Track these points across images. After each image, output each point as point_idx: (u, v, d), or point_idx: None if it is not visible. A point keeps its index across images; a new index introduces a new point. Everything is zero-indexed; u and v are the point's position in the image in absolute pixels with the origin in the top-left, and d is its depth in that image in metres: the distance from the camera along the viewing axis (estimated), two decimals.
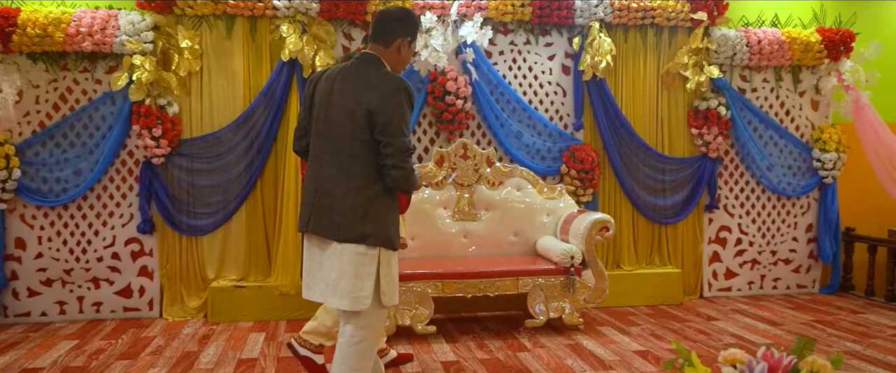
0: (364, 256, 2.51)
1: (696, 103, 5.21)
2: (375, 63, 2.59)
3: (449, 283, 4.21)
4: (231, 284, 4.71)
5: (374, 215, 2.52)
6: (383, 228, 2.54)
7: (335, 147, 2.55)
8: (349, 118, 2.51)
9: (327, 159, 2.56)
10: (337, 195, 2.52)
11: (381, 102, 2.48)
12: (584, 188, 5.02)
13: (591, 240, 4.36)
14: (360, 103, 2.50)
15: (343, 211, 2.51)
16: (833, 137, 5.34)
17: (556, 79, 5.10)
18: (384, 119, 2.48)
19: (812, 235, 5.51)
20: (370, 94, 2.50)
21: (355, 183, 2.51)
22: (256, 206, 4.81)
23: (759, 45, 5.16)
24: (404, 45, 2.64)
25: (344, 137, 2.52)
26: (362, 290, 2.51)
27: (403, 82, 2.55)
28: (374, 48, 2.64)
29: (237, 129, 4.73)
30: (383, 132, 2.48)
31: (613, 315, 4.80)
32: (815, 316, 4.78)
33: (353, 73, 2.58)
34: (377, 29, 2.64)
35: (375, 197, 2.53)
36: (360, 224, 2.50)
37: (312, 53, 4.69)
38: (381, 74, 2.56)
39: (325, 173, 2.56)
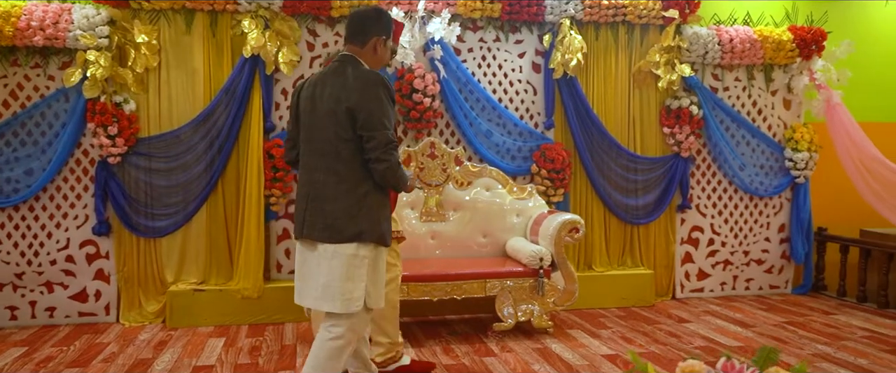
0: (356, 257, 2.54)
1: (668, 102, 5.14)
2: (352, 62, 2.62)
3: (414, 286, 4.09)
4: (190, 287, 4.55)
5: (367, 213, 2.55)
6: (376, 225, 2.57)
7: (321, 150, 2.57)
8: (331, 119, 2.54)
9: (315, 164, 2.59)
10: (328, 198, 2.54)
11: (360, 98, 2.50)
12: (555, 188, 4.94)
13: (560, 241, 4.27)
14: (339, 102, 2.52)
15: (336, 213, 2.53)
16: (805, 136, 5.30)
17: (527, 77, 5.00)
18: (364, 114, 2.50)
19: (784, 235, 5.47)
20: (348, 92, 2.52)
21: (345, 184, 2.54)
22: (217, 206, 4.65)
23: (731, 44, 5.10)
24: (379, 43, 2.69)
25: (328, 138, 2.55)
26: (354, 291, 2.54)
27: (380, 76, 2.56)
28: (350, 49, 2.69)
29: (197, 127, 4.57)
30: (364, 127, 2.50)
31: (584, 317, 4.71)
32: (787, 317, 4.73)
33: (332, 76, 2.60)
34: (351, 29, 2.69)
35: (366, 195, 2.56)
36: (354, 223, 2.52)
37: (275, 49, 4.55)
38: (357, 72, 2.57)
39: (314, 178, 2.58)
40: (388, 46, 2.75)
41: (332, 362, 2.58)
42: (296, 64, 4.67)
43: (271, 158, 4.58)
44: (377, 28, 2.68)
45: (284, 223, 4.75)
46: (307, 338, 4.22)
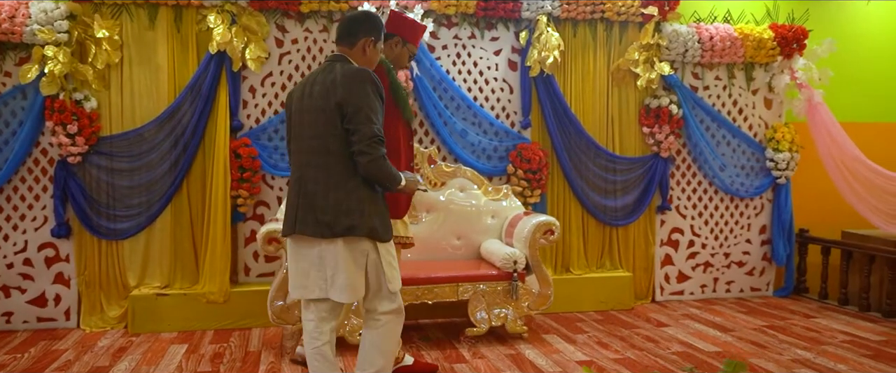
0: (354, 248, 2.59)
1: (648, 101, 5.04)
2: (342, 61, 2.69)
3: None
4: (153, 291, 4.39)
5: (357, 207, 2.58)
6: (367, 219, 2.59)
7: (310, 147, 2.62)
8: (320, 115, 2.58)
9: (305, 161, 2.64)
10: (319, 193, 2.59)
11: (347, 93, 2.54)
12: (532, 189, 4.82)
13: (534, 244, 4.15)
14: (327, 98, 2.57)
15: (327, 208, 2.57)
16: (786, 136, 5.21)
17: (503, 75, 4.88)
18: (352, 108, 2.53)
19: (766, 236, 5.38)
20: (336, 86, 2.56)
21: (335, 178, 2.58)
22: (182, 207, 4.50)
23: (712, 42, 5.01)
24: (369, 44, 2.74)
25: (317, 134, 2.59)
26: (357, 281, 2.61)
27: (368, 72, 2.61)
28: (340, 50, 2.76)
29: (161, 125, 4.42)
30: (351, 120, 2.53)
31: (561, 322, 4.59)
32: (767, 321, 4.64)
33: (322, 74, 2.66)
34: (341, 31, 2.76)
35: (356, 189, 2.59)
36: (344, 217, 2.56)
37: (242, 46, 4.41)
38: (345, 68, 2.62)
39: (305, 175, 2.63)
40: (378, 49, 2.81)
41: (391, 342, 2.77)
42: (264, 61, 4.52)
43: (238, 157, 4.44)
44: (366, 30, 2.74)
45: (252, 225, 4.60)
46: (273, 344, 4.08)
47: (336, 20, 4.59)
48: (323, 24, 4.60)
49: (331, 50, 4.62)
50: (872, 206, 5.05)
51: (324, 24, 4.60)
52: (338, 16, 4.59)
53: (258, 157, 4.50)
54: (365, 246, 2.62)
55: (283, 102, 4.61)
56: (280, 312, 3.87)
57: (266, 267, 4.62)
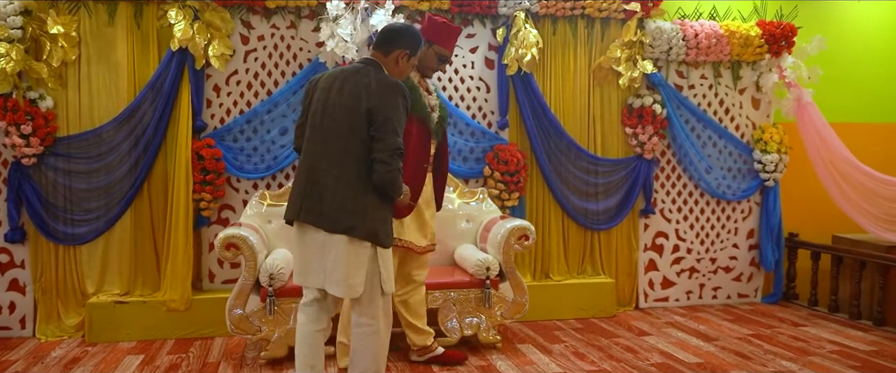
0: (354, 246, 2.66)
1: (630, 101, 4.86)
2: (376, 67, 2.77)
3: None
4: (112, 299, 4.21)
5: (362, 210, 2.66)
6: (370, 223, 2.67)
7: (331, 141, 2.69)
8: (348, 115, 2.67)
9: (321, 152, 2.71)
10: (328, 186, 2.66)
11: (380, 101, 2.63)
12: (510, 192, 4.63)
13: (509, 249, 3.97)
14: (359, 101, 2.65)
15: (333, 202, 2.65)
16: (775, 137, 5.04)
17: (479, 73, 4.70)
18: (382, 117, 2.62)
19: (753, 241, 5.20)
20: (370, 93, 2.65)
21: (347, 176, 2.66)
22: (143, 211, 4.32)
23: (697, 39, 4.83)
24: (402, 57, 2.84)
25: (341, 132, 2.67)
26: (354, 278, 2.66)
27: (402, 85, 2.72)
28: (374, 55, 2.84)
29: (120, 125, 4.23)
30: (379, 129, 2.62)
31: (539, 330, 4.41)
32: (754, 330, 4.45)
33: (355, 74, 2.73)
34: (380, 39, 2.86)
35: (365, 193, 2.67)
36: (348, 217, 2.64)
37: (205, 42, 4.23)
38: (381, 76, 2.71)
39: (318, 165, 2.70)
40: (411, 63, 2.90)
41: (383, 348, 2.81)
42: (229, 58, 4.34)
43: (201, 159, 4.25)
44: (403, 42, 2.83)
45: (217, 229, 4.40)
46: (234, 355, 3.89)
47: (304, 16, 4.42)
48: (290, 20, 4.41)
49: (299, 47, 4.45)
50: (863, 209, 4.88)
51: (291, 21, 4.42)
52: (306, 11, 4.41)
53: (222, 158, 4.32)
54: (365, 246, 2.69)
55: (249, 102, 4.44)
56: (239, 321, 3.69)
57: (232, 273, 4.43)
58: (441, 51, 3.39)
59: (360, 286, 2.69)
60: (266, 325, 3.70)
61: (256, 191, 4.33)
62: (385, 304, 2.81)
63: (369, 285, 2.72)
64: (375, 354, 2.80)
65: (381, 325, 2.80)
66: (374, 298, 2.76)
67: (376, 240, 2.70)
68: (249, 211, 4.15)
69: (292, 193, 2.81)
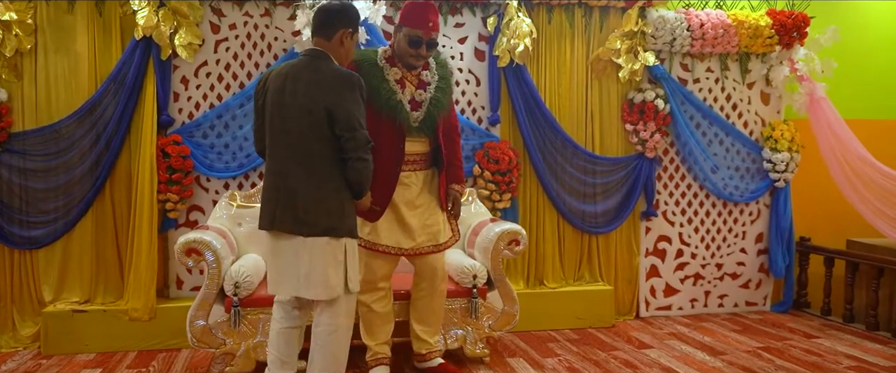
0: (332, 246, 2.67)
1: (631, 95, 4.54)
2: (324, 58, 2.72)
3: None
4: (70, 307, 3.90)
5: (338, 208, 2.68)
6: (347, 219, 2.71)
7: (295, 145, 2.67)
8: (307, 117, 2.64)
9: (286, 156, 2.69)
10: (300, 191, 2.66)
11: (339, 100, 2.61)
12: (501, 193, 4.32)
13: (498, 255, 3.65)
14: (317, 102, 2.62)
15: (307, 207, 2.65)
16: (785, 134, 4.71)
17: (469, 65, 4.38)
18: (344, 115, 2.61)
19: (762, 245, 4.88)
20: (326, 92, 2.62)
21: (317, 179, 2.66)
22: (105, 211, 4.01)
23: (702, 29, 4.51)
24: (346, 36, 2.76)
25: (303, 135, 2.65)
26: (333, 278, 2.68)
27: (356, 76, 2.68)
28: (318, 43, 2.77)
29: (81, 120, 3.93)
30: (344, 128, 2.61)
31: (531, 342, 4.09)
32: (763, 342, 4.13)
33: (305, 71, 2.69)
34: (317, 23, 2.77)
35: (336, 190, 2.68)
36: (326, 218, 2.65)
37: (170, 31, 3.92)
38: (332, 71, 2.67)
39: (286, 171, 2.69)
40: (355, 39, 2.81)
41: (342, 348, 2.79)
42: (197, 48, 4.03)
43: (167, 157, 3.95)
44: (343, 20, 2.75)
45: (185, 232, 4.07)
46: (200, 368, 3.59)
47: (279, 3, 4.10)
48: (264, 7, 4.11)
49: (274, 37, 4.15)
50: (881, 212, 4.55)
51: (265, 8, 4.11)
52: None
53: (190, 156, 4.01)
54: (340, 245, 2.69)
55: (220, 95, 4.13)
56: (201, 333, 3.37)
57: (201, 279, 4.09)
58: (410, 32, 3.07)
59: (339, 286, 2.70)
60: (231, 337, 3.39)
61: (228, 191, 4.02)
62: (348, 303, 2.79)
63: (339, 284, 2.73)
64: (335, 354, 2.78)
65: (342, 324, 2.78)
66: (339, 296, 2.73)
67: (352, 234, 2.74)
68: (218, 213, 3.84)
69: (263, 201, 2.80)
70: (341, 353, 2.80)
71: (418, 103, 3.17)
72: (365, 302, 3.26)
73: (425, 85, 3.20)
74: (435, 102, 3.20)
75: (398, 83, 3.15)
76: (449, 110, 3.31)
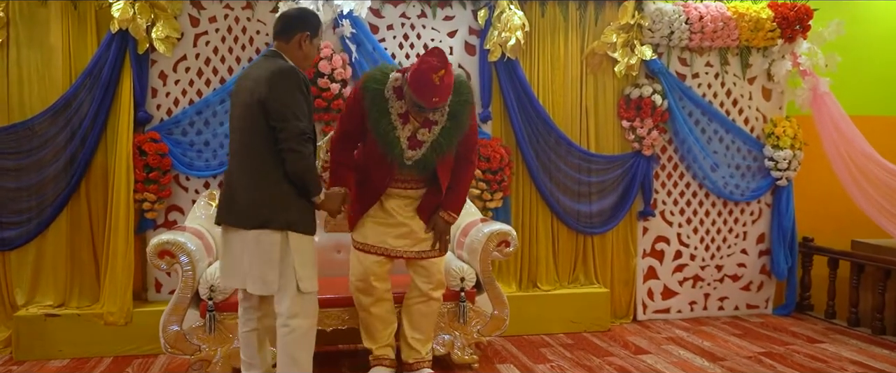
0: (266, 242, 2.64)
1: (627, 91, 4.39)
2: (276, 56, 2.74)
3: None
4: (43, 311, 3.75)
5: (274, 201, 2.64)
6: (284, 213, 2.65)
7: (237, 139, 2.73)
8: (246, 111, 2.67)
9: (233, 151, 2.77)
10: (240, 184, 2.68)
11: (271, 89, 2.60)
12: (492, 192, 4.17)
13: (487, 257, 3.50)
14: (252, 94, 2.64)
15: (243, 200, 2.66)
16: (788, 131, 4.55)
17: (458, 60, 4.22)
18: (276, 105, 2.60)
19: (764, 246, 4.72)
20: (260, 82, 2.63)
21: (255, 172, 2.66)
22: (80, 211, 3.87)
23: (701, 22, 4.35)
24: (304, 39, 2.77)
25: (243, 128, 2.69)
26: (268, 274, 2.66)
27: (293, 70, 2.66)
28: (277, 45, 2.79)
29: (55, 116, 3.78)
30: (276, 118, 2.60)
31: (523, 347, 3.94)
32: (765, 346, 3.97)
33: (253, 69, 2.74)
34: (277, 27, 2.81)
35: (275, 183, 2.64)
36: (260, 210, 2.63)
37: (147, 23, 3.77)
38: (275, 64, 2.66)
39: (231, 167, 2.77)
40: (314, 44, 2.82)
41: (301, 350, 2.74)
42: (176, 42, 3.89)
43: (144, 154, 3.80)
44: (301, 25, 2.77)
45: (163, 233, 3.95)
46: None
47: None
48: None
49: (256, 30, 4.00)
50: (886, 210, 4.40)
51: (247, 0, 3.96)
52: None
53: (168, 154, 3.86)
54: (275, 239, 2.64)
55: (199, 91, 3.99)
56: (175, 339, 3.22)
57: None
58: (415, 100, 2.94)
59: (274, 282, 2.67)
60: (206, 343, 3.24)
61: (207, 190, 3.87)
62: (303, 304, 2.72)
63: (285, 281, 2.68)
64: (293, 356, 2.74)
65: (298, 325, 2.72)
66: (290, 296, 2.69)
67: (294, 228, 2.66)
68: (197, 213, 3.68)
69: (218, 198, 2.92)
70: (300, 354, 2.74)
71: (419, 142, 3.07)
72: (363, 305, 3.21)
73: (431, 125, 3.07)
74: (436, 145, 3.08)
75: (401, 118, 3.05)
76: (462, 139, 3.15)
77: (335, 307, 3.36)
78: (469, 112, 3.12)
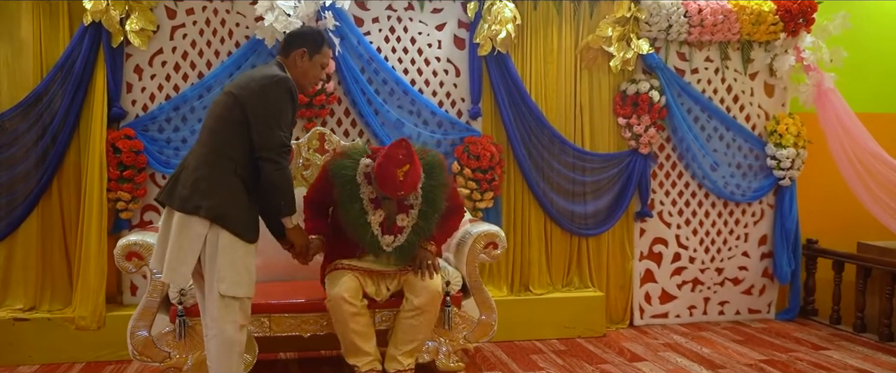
0: (192, 231, 2.47)
1: (623, 87, 4.22)
2: (276, 64, 2.69)
3: (279, 319, 3.16)
4: (11, 315, 3.60)
5: (214, 190, 2.48)
6: (219, 205, 2.47)
7: (205, 124, 2.62)
8: (224, 98, 2.59)
9: (200, 135, 2.64)
10: (190, 166, 2.54)
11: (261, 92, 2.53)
12: (482, 192, 4.01)
13: (474, 260, 3.34)
14: (237, 87, 2.57)
15: (187, 181, 2.51)
16: (791, 129, 4.38)
17: (447, 54, 4.07)
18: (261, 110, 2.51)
19: (766, 248, 4.55)
20: (249, 82, 2.57)
21: (207, 156, 2.52)
22: (52, 211, 3.72)
23: (701, 15, 4.19)
24: (300, 55, 2.72)
25: (213, 114, 2.60)
26: (182, 265, 2.48)
27: (286, 77, 2.59)
28: (279, 58, 2.75)
29: (25, 112, 3.64)
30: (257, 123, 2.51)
31: (514, 353, 3.77)
32: (767, 353, 3.80)
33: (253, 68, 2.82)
34: (282, 43, 2.80)
35: (223, 174, 2.50)
36: (197, 196, 2.47)
37: (121, 15, 3.62)
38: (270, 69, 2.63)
39: (191, 150, 2.63)
40: (314, 62, 2.75)
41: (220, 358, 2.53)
42: (151, 35, 3.74)
43: (118, 152, 3.65)
44: (300, 41, 2.74)
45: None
46: None
47: None
48: None
49: (235, 23, 3.88)
50: (894, 211, 4.23)
51: None
52: None
53: (143, 151, 3.71)
54: (201, 230, 2.47)
55: (176, 86, 3.83)
56: (143, 345, 3.07)
57: None
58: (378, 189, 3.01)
59: (185, 276, 2.52)
60: (176, 350, 3.09)
61: None
62: (227, 308, 2.49)
63: (208, 279, 2.50)
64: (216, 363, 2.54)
65: (220, 330, 2.51)
66: (213, 297, 2.49)
67: (223, 222, 2.46)
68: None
69: None
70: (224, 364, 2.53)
71: (400, 228, 3.07)
72: (341, 320, 3.04)
73: (407, 209, 3.08)
74: (418, 229, 3.09)
75: (372, 202, 3.05)
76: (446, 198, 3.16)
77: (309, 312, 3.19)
78: (444, 194, 3.12)
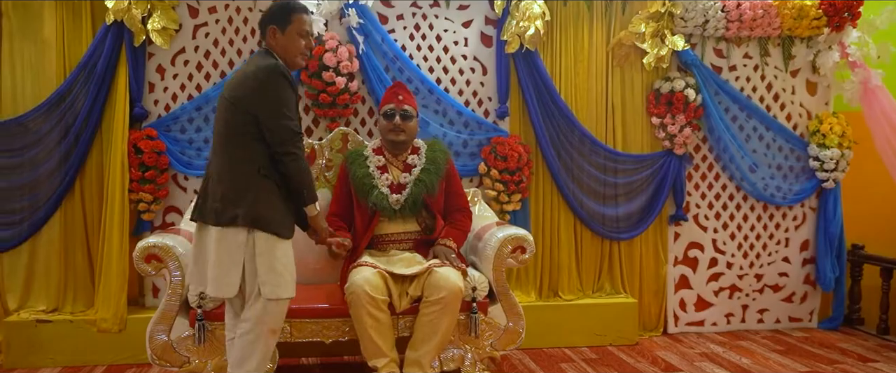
0: (228, 240, 2.50)
1: (657, 85, 4.07)
2: (263, 54, 2.66)
3: (300, 324, 3.07)
4: (34, 317, 3.58)
5: (243, 197, 2.50)
6: (253, 209, 2.49)
7: (217, 133, 2.61)
8: (224, 103, 2.58)
9: (213, 148, 2.64)
10: (213, 178, 2.57)
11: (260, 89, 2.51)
12: (510, 194, 3.89)
13: (501, 264, 3.20)
14: (235, 90, 2.56)
15: (216, 194, 2.53)
16: (835, 128, 4.19)
17: (474, 52, 3.96)
18: (267, 105, 2.50)
19: (808, 254, 4.36)
20: (244, 80, 2.56)
21: (227, 167, 2.54)
22: (75, 212, 3.69)
23: (739, 10, 4.01)
24: (273, 34, 2.66)
25: (220, 120, 2.60)
26: (224, 277, 2.51)
27: (276, 64, 2.56)
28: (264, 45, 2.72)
29: (49, 112, 3.61)
30: (266, 118, 2.50)
31: (542, 361, 3.64)
32: (810, 365, 3.61)
33: (244, 65, 2.68)
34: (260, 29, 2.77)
35: (248, 177, 2.52)
36: (231, 206, 2.49)
37: (143, 14, 3.58)
38: (260, 61, 2.58)
39: (211, 161, 2.63)
40: (287, 35, 2.66)
41: (248, 358, 2.57)
42: (173, 34, 3.69)
43: (140, 152, 3.61)
44: (268, 20, 2.69)
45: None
46: None
47: None
48: None
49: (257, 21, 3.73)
50: None
51: None
52: None
53: (166, 152, 3.66)
54: (241, 238, 2.50)
55: (199, 85, 3.79)
56: (162, 350, 3.00)
57: None
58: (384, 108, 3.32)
59: (234, 285, 2.52)
60: (195, 355, 3.01)
61: None
62: (265, 310, 2.53)
63: (249, 284, 2.53)
64: (241, 355, 2.57)
65: (255, 330, 2.55)
66: (252, 299, 2.54)
67: (261, 226, 2.49)
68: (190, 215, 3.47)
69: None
70: (248, 358, 2.57)
71: (402, 185, 3.24)
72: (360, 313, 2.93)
73: (410, 168, 3.29)
74: (418, 182, 3.24)
75: (380, 169, 3.27)
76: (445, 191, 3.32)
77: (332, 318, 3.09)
78: (445, 158, 3.32)
